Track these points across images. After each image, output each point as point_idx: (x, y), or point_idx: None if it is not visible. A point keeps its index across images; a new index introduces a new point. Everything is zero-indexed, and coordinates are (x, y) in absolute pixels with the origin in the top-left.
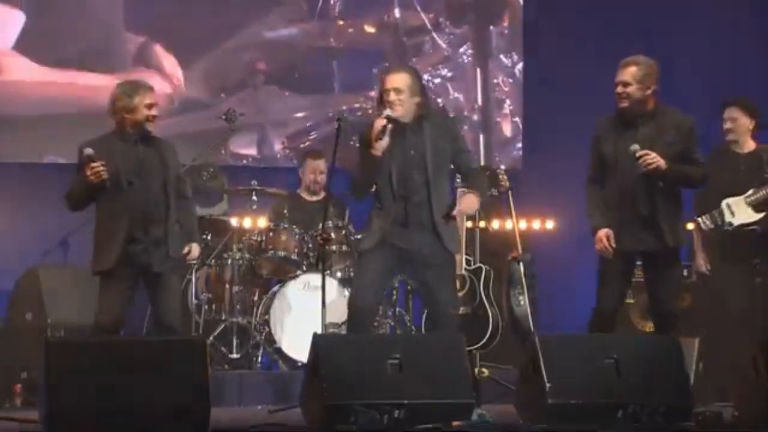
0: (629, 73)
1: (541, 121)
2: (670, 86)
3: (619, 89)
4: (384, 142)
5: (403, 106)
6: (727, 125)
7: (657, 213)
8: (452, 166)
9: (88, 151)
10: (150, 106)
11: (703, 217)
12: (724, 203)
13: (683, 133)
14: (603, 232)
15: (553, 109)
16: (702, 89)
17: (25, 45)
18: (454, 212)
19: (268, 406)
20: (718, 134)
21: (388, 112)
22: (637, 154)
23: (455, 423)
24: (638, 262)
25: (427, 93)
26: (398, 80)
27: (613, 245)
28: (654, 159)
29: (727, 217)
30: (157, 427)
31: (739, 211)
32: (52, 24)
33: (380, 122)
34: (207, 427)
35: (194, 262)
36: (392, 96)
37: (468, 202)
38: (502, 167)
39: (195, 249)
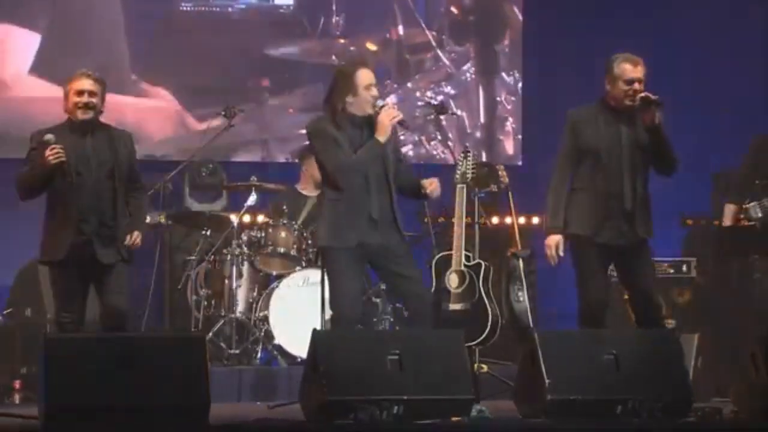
0: (642, 71)
1: (541, 116)
2: (672, 91)
3: (637, 86)
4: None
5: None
6: None
7: (639, 208)
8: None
9: (49, 136)
10: (80, 93)
11: (754, 204)
12: None
13: None
14: (555, 239)
15: (553, 105)
16: (701, 91)
17: (41, 65)
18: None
19: (267, 402)
20: (718, 134)
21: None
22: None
23: (454, 419)
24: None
25: None
26: (374, 77)
27: (561, 254)
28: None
29: None
30: (156, 424)
31: None
32: (62, 41)
33: (396, 115)
34: (206, 422)
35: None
36: (374, 91)
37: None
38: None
39: (136, 236)
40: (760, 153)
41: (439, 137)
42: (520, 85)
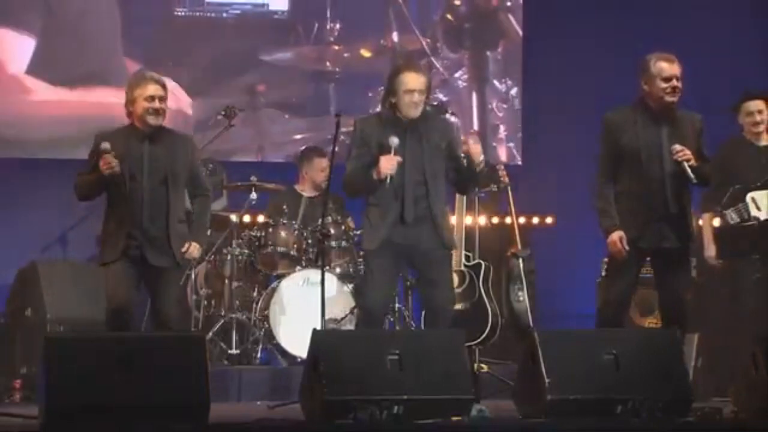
0: (679, 68)
1: (541, 116)
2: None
3: (675, 83)
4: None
5: (419, 107)
6: (757, 118)
7: (682, 211)
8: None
9: (105, 145)
10: (151, 99)
11: (730, 210)
12: (748, 197)
13: (696, 131)
14: (617, 235)
15: (553, 104)
16: (700, 93)
17: (37, 67)
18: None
19: (267, 401)
20: (718, 135)
21: (395, 142)
22: (675, 150)
23: (454, 418)
24: (647, 258)
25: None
26: (423, 82)
27: (627, 247)
28: (690, 155)
29: (753, 212)
30: (157, 423)
31: (764, 205)
32: (57, 47)
33: (391, 162)
34: (206, 422)
35: (192, 260)
36: (417, 97)
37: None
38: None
39: (193, 248)
40: (730, 155)
41: None
42: (513, 92)
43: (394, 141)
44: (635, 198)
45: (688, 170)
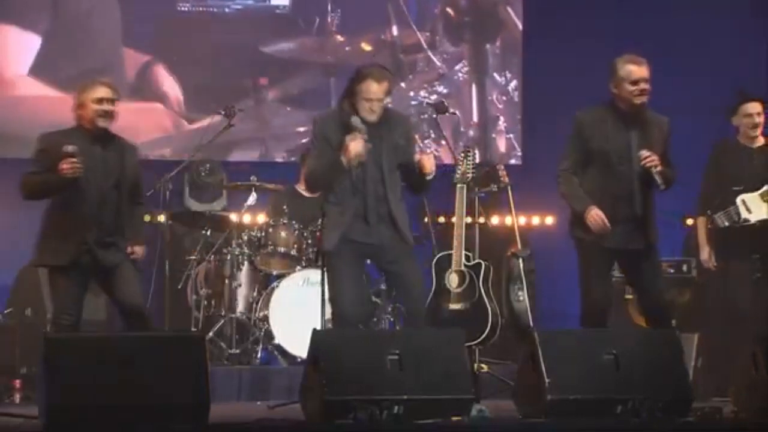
0: (647, 70)
1: (541, 116)
2: (672, 93)
3: (643, 85)
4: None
5: (376, 114)
6: (756, 119)
7: (647, 212)
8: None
9: (71, 147)
10: (101, 101)
11: (719, 214)
12: (738, 200)
13: (664, 134)
14: (595, 211)
15: (553, 104)
16: (701, 93)
17: (40, 66)
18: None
19: (267, 401)
20: (719, 135)
21: (359, 122)
22: (643, 156)
23: (454, 418)
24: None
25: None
26: (383, 90)
27: (608, 223)
28: (658, 161)
29: (744, 214)
30: (156, 423)
31: (755, 208)
32: (61, 45)
33: (359, 143)
34: (206, 422)
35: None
36: (376, 106)
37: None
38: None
39: (138, 249)
40: (723, 157)
41: (433, 135)
42: (512, 84)
43: (358, 121)
44: (603, 198)
45: (656, 176)
